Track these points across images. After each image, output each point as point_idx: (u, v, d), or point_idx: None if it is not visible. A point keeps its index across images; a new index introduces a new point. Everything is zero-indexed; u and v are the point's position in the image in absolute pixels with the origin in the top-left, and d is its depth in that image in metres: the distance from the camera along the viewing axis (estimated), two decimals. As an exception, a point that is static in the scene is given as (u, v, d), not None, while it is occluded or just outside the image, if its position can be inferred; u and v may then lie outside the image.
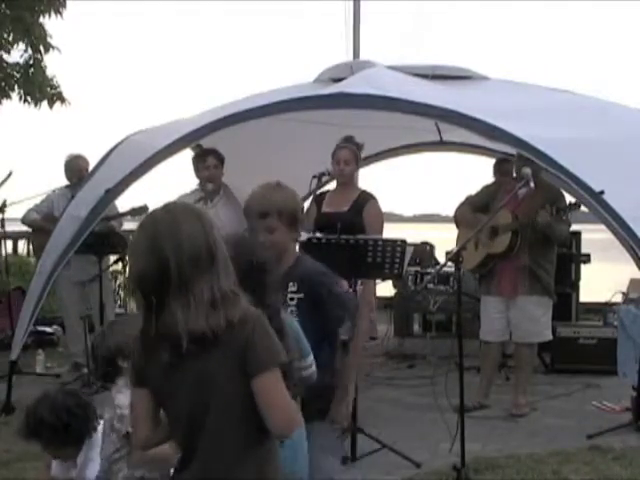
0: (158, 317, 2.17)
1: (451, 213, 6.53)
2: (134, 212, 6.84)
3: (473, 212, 6.16)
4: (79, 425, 3.46)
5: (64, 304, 7.37)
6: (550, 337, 6.24)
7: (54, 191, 7.34)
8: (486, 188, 6.33)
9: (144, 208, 6.75)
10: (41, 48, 9.44)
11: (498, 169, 7.22)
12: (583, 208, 5.67)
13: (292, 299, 3.12)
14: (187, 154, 6.76)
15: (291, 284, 3.14)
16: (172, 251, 2.18)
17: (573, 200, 5.60)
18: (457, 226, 6.36)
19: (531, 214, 5.75)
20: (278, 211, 3.07)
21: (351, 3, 10.21)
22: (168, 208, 2.31)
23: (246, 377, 2.18)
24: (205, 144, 6.75)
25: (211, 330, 2.15)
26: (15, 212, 7.53)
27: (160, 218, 2.25)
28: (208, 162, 6.35)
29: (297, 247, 5.03)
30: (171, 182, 8.42)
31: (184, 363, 2.18)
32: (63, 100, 9.67)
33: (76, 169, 7.26)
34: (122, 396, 3.22)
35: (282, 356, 2.23)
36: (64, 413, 3.41)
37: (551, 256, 6.09)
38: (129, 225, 8.46)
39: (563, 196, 5.88)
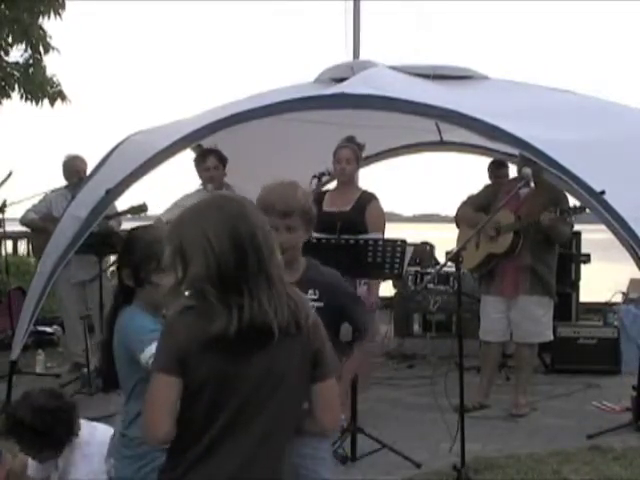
0: (240, 310, 2.08)
1: (451, 213, 6.54)
2: (133, 211, 6.83)
3: (474, 212, 6.16)
4: (61, 429, 3.35)
5: (64, 304, 7.37)
6: (551, 337, 6.23)
7: (52, 191, 7.34)
8: (487, 188, 6.34)
9: (143, 207, 6.75)
10: (41, 49, 9.44)
11: (493, 171, 7.24)
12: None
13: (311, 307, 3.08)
14: (188, 154, 6.76)
15: (311, 292, 2.98)
16: (249, 237, 2.10)
17: (578, 203, 5.59)
18: (457, 226, 6.36)
19: (534, 215, 5.75)
20: (302, 211, 2.95)
21: (351, 3, 10.20)
22: (227, 196, 2.25)
23: (308, 378, 2.20)
24: (206, 144, 6.75)
25: (295, 322, 2.13)
26: (15, 212, 7.54)
27: (225, 205, 2.16)
28: (208, 163, 6.34)
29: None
30: (172, 182, 8.42)
31: (251, 355, 2.11)
32: (64, 98, 9.66)
33: (74, 170, 7.26)
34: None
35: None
36: (46, 416, 3.30)
37: (553, 256, 6.08)
38: (129, 224, 8.42)
39: (566, 197, 5.88)
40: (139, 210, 6.76)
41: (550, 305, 6.06)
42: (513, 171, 6.77)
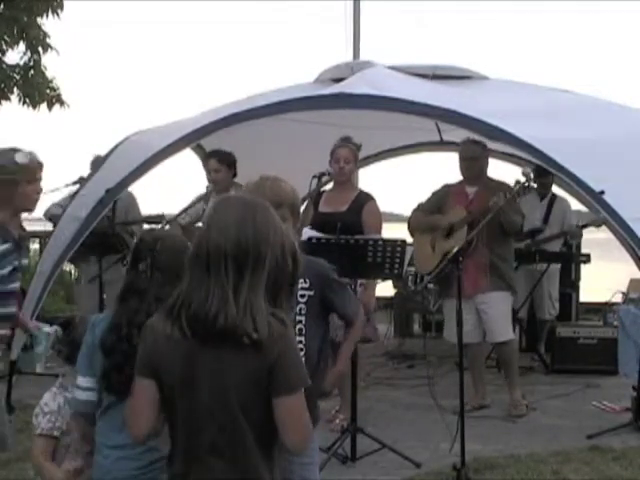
0: (187, 311, 2.14)
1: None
2: (151, 220, 6.81)
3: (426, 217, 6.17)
4: None
5: (79, 303, 7.36)
6: (513, 335, 6.20)
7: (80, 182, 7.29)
8: (435, 193, 6.27)
9: (161, 216, 6.75)
10: (39, 49, 9.44)
11: (536, 178, 7.15)
12: (583, 208, 5.66)
13: (302, 296, 3.07)
14: (188, 154, 6.77)
15: (301, 280, 3.02)
16: (199, 251, 2.17)
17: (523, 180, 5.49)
18: (411, 234, 6.28)
19: (483, 205, 5.67)
20: (291, 202, 3.03)
21: (351, 3, 10.23)
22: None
23: (266, 391, 2.12)
24: (206, 144, 6.76)
25: (248, 333, 2.09)
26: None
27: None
28: (209, 166, 6.44)
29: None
30: (172, 182, 8.43)
31: (204, 360, 2.14)
32: (62, 103, 9.69)
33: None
34: (48, 395, 3.15)
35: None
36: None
37: (510, 250, 6.11)
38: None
39: (510, 186, 5.86)
40: (159, 220, 6.73)
41: (511, 300, 6.09)
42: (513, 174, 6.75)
